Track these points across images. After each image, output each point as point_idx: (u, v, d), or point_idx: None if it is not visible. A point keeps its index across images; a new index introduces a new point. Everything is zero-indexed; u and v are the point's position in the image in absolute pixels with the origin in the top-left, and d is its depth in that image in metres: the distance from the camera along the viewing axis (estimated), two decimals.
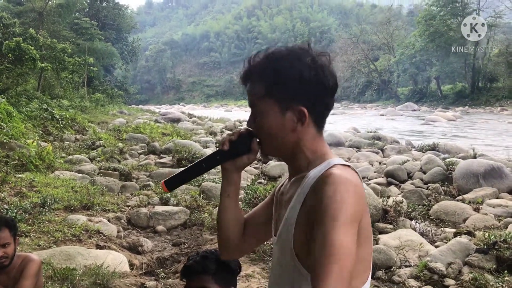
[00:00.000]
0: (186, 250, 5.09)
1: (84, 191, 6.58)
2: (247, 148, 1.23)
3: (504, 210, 6.57)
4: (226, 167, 1.27)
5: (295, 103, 1.12)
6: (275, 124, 1.14)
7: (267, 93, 1.14)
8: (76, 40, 32.27)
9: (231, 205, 1.31)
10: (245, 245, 1.37)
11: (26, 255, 2.75)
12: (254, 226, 1.36)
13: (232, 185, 1.29)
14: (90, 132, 14.35)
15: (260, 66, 1.15)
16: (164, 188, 1.26)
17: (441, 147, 12.69)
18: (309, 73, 1.10)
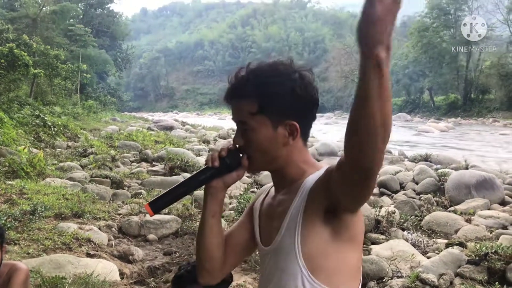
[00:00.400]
0: (178, 259, 5.06)
1: (75, 198, 6.53)
2: (237, 164, 1.20)
3: (496, 221, 6.60)
4: (214, 185, 1.22)
5: (287, 118, 1.14)
6: (267, 140, 1.15)
7: (260, 110, 1.14)
8: (69, 47, 32.17)
9: (216, 225, 1.26)
10: (226, 266, 1.32)
11: (14, 264, 2.71)
12: (235, 244, 1.32)
13: (218, 204, 1.25)
14: (82, 139, 14.28)
15: (250, 83, 1.15)
16: (149, 210, 1.19)
17: (433, 158, 12.74)
18: (300, 89, 1.13)
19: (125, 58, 49.92)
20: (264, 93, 1.13)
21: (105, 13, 46.67)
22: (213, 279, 1.33)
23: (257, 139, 1.15)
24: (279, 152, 1.16)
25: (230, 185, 1.25)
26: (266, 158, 1.17)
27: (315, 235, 1.09)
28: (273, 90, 1.13)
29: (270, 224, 1.22)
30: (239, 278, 4.34)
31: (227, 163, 1.19)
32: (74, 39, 34.07)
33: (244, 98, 1.16)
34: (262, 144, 1.15)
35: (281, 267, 1.15)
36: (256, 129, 1.15)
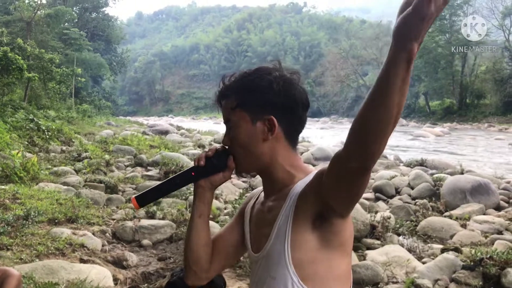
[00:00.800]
0: (172, 265, 5.02)
1: (69, 203, 6.48)
2: (223, 164, 1.22)
3: (491, 226, 6.60)
4: (201, 184, 1.26)
5: (265, 113, 1.16)
6: (247, 134, 1.17)
7: (238, 104, 1.18)
8: (64, 51, 32.16)
9: (203, 226, 1.28)
10: (212, 269, 1.33)
11: (5, 270, 2.67)
12: (223, 248, 1.33)
13: (205, 204, 1.28)
14: (77, 143, 14.21)
15: (234, 82, 1.21)
16: (135, 204, 1.23)
17: (429, 163, 12.74)
18: (277, 84, 1.16)
19: (120, 62, 49.93)
20: (242, 88, 1.18)
21: (100, 17, 46.72)
22: (199, 280, 1.34)
23: (238, 134, 1.19)
24: (259, 148, 1.17)
25: (217, 186, 1.28)
26: (248, 155, 1.19)
27: (305, 242, 1.09)
28: (250, 85, 1.17)
29: (260, 231, 1.22)
30: (233, 284, 4.31)
31: (213, 164, 1.22)
32: (69, 43, 34.07)
33: (227, 96, 1.22)
34: (243, 139, 1.18)
35: (271, 274, 1.15)
36: (236, 124, 1.19)
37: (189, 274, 1.33)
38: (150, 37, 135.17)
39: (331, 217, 1.06)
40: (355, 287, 1.18)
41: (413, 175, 9.84)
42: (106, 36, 46.12)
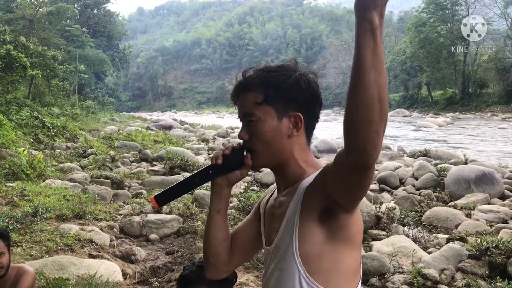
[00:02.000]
0: (180, 259, 5.07)
1: (76, 199, 6.54)
2: (240, 162, 1.23)
3: (496, 215, 6.62)
4: (218, 182, 1.27)
5: (291, 109, 1.17)
6: (272, 130, 1.17)
7: (265, 99, 1.17)
8: (67, 48, 32.18)
9: (221, 221, 1.30)
10: (232, 262, 1.36)
11: (21, 266, 2.73)
12: (242, 241, 1.35)
13: (223, 201, 1.29)
14: (82, 140, 14.27)
15: (258, 77, 1.20)
16: (154, 203, 1.25)
17: (432, 153, 12.74)
18: (303, 82, 1.17)
19: (122, 58, 49.91)
20: (270, 84, 1.17)
21: (101, 13, 46.66)
22: (219, 274, 1.36)
23: (262, 130, 1.18)
24: (282, 144, 1.18)
25: (234, 183, 1.28)
26: (269, 150, 1.19)
27: (312, 236, 1.10)
28: (278, 81, 1.17)
29: (271, 225, 1.25)
30: (241, 277, 4.36)
31: (231, 162, 1.23)
32: (71, 40, 34.09)
33: (251, 90, 1.20)
34: (267, 134, 1.17)
35: (280, 267, 1.17)
36: (261, 119, 1.18)
37: (208, 268, 1.36)
38: (151, 32, 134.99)
39: (337, 212, 1.08)
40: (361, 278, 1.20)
41: (417, 166, 9.86)
42: (108, 33, 46.08)
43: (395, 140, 20.29)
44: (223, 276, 1.37)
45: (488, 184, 8.11)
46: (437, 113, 42.87)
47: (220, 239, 1.31)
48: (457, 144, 18.72)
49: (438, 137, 22.00)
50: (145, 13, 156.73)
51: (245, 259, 1.44)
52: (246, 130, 1.21)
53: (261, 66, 1.22)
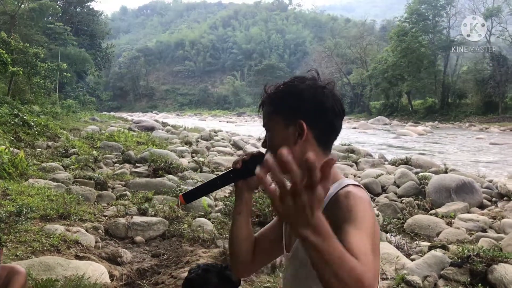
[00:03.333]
0: (166, 262, 5.07)
1: (60, 200, 6.48)
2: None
3: (475, 224, 6.79)
4: (239, 186, 1.37)
5: (296, 118, 1.24)
6: (280, 137, 1.26)
7: (274, 110, 1.29)
8: (48, 45, 31.73)
9: (243, 223, 1.39)
10: (255, 262, 1.44)
11: (12, 267, 2.71)
12: (265, 244, 1.42)
13: (244, 203, 1.38)
14: (63, 139, 14.10)
15: (273, 90, 1.31)
16: (182, 200, 1.36)
17: (413, 161, 12.94)
18: (309, 92, 1.25)
19: (104, 57, 49.45)
20: (279, 95, 1.28)
21: (84, 12, 46.19)
22: (241, 273, 1.50)
23: (273, 138, 1.28)
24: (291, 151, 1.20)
25: (254, 188, 1.39)
26: None
27: None
28: (284, 92, 1.27)
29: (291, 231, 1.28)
30: None
31: (249, 167, 1.30)
32: (53, 37, 33.65)
33: (266, 103, 1.32)
34: (277, 142, 1.25)
35: (299, 273, 1.22)
36: (272, 128, 1.29)
37: (233, 267, 1.47)
38: (134, 32, 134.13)
39: None
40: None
41: (399, 174, 10.02)
42: (91, 31, 45.61)
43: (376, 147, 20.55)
44: (246, 275, 1.46)
45: (468, 193, 8.30)
46: (417, 122, 43.53)
47: (241, 239, 1.39)
48: (436, 153, 19.06)
49: (418, 146, 22.35)
50: (128, 13, 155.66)
51: (268, 261, 1.53)
52: (265, 139, 1.32)
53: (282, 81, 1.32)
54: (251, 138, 20.65)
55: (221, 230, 5.77)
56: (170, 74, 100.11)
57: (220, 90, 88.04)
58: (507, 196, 8.61)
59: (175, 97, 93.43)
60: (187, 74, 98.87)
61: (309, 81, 1.27)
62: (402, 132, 30.00)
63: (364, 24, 71.24)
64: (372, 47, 63.14)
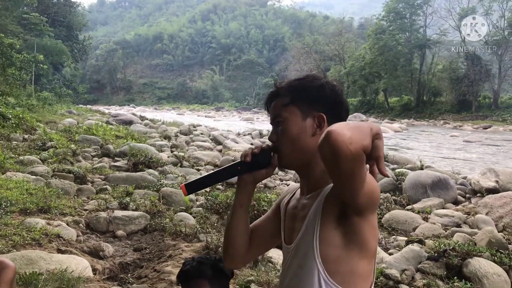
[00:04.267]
0: (148, 256, 5.09)
1: (40, 193, 6.41)
2: (267, 162, 1.33)
3: (450, 220, 6.99)
4: (244, 178, 1.38)
5: (315, 110, 1.29)
6: (297, 129, 1.28)
7: (291, 101, 1.30)
8: (24, 36, 31.03)
9: (243, 215, 1.42)
10: (249, 255, 1.47)
11: (2, 260, 2.69)
12: (260, 237, 1.46)
13: (246, 196, 1.40)
14: (40, 132, 13.87)
15: (286, 84, 1.35)
16: (184, 191, 1.34)
17: (390, 158, 13.18)
18: (328, 87, 1.31)
19: (81, 49, 48.65)
20: (296, 88, 1.32)
21: (61, 2, 45.29)
22: (235, 264, 1.50)
23: (288, 128, 1.29)
24: (306, 142, 1.28)
25: (259, 181, 1.40)
26: (295, 149, 1.29)
27: (330, 239, 1.19)
28: (303, 85, 1.32)
29: (292, 224, 1.34)
30: None
31: (258, 160, 1.33)
32: (28, 28, 32.93)
33: (279, 96, 1.34)
34: (292, 133, 1.28)
35: (300, 265, 1.26)
36: (287, 119, 1.30)
37: (227, 258, 1.47)
38: (112, 24, 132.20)
39: (350, 216, 1.16)
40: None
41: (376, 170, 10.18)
42: (68, 23, 44.76)
43: None
44: (240, 266, 1.50)
45: (443, 189, 8.52)
46: (393, 119, 44.21)
47: (241, 232, 1.42)
48: (412, 149, 19.42)
49: (394, 143, 22.72)
50: (106, 5, 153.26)
51: (261, 253, 1.56)
52: (275, 132, 1.33)
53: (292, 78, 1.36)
54: (230, 133, 20.66)
55: (203, 225, 5.82)
56: (148, 68, 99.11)
57: (199, 85, 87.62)
58: (480, 193, 8.86)
59: (153, 91, 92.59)
60: (165, 68, 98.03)
61: (323, 79, 1.34)
62: None
63: (342, 22, 71.73)
64: (350, 45, 63.70)
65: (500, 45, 43.98)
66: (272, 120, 1.34)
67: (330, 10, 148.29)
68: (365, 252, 1.21)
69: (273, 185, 9.55)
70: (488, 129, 33.76)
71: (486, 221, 6.78)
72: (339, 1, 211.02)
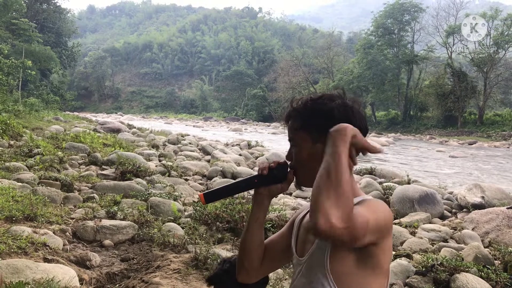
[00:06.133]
0: (136, 266, 5.04)
1: (26, 201, 6.32)
2: (283, 176, 1.35)
3: (437, 234, 7.03)
4: (261, 192, 1.39)
5: (325, 135, 1.23)
6: (307, 154, 1.30)
7: (302, 126, 1.32)
8: (12, 41, 30.80)
9: (258, 229, 1.42)
10: (262, 269, 1.47)
11: None
12: (274, 251, 1.47)
13: (262, 210, 1.41)
14: (27, 138, 13.73)
15: (300, 106, 1.35)
16: (203, 200, 1.36)
17: (377, 172, 13.27)
18: (338, 111, 1.28)
19: (70, 56, 48.43)
20: (307, 111, 1.31)
21: (51, 9, 45.11)
22: (249, 278, 1.49)
23: (299, 153, 1.32)
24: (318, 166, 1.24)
25: (275, 195, 1.41)
26: (308, 172, 1.29)
27: (342, 258, 1.20)
28: (314, 109, 1.31)
29: (305, 236, 1.35)
30: None
31: (274, 174, 1.34)
32: (17, 33, 32.66)
33: (292, 118, 1.36)
34: (304, 158, 1.30)
35: (311, 279, 1.26)
36: (298, 144, 1.33)
37: (241, 271, 1.48)
38: (101, 32, 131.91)
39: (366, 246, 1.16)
40: None
41: (364, 183, 10.26)
42: (57, 29, 44.57)
43: None
44: (253, 280, 1.49)
45: (430, 204, 8.59)
46: (380, 133, 44.58)
47: (255, 245, 1.42)
48: (399, 164, 19.56)
49: (381, 156, 22.85)
50: (96, 12, 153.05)
51: (274, 268, 1.55)
52: (290, 152, 1.37)
53: (308, 96, 1.35)
54: (218, 144, 20.64)
55: (191, 235, 5.78)
56: (137, 76, 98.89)
57: (187, 94, 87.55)
58: (466, 208, 8.96)
59: (141, 99, 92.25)
60: (154, 77, 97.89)
61: (338, 100, 1.30)
62: None
63: (331, 35, 72.51)
64: (339, 58, 64.33)
65: (486, 62, 44.76)
66: (289, 140, 1.37)
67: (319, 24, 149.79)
68: (379, 272, 1.21)
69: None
70: (473, 145, 34.17)
71: (473, 236, 6.85)
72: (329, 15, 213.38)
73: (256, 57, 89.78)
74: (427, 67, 52.42)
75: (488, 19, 44.93)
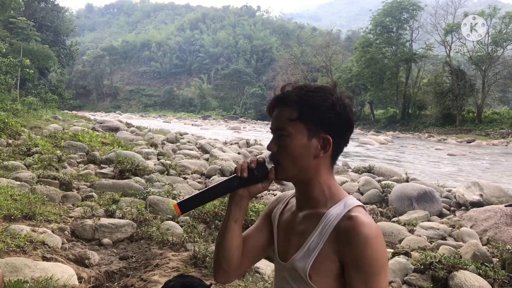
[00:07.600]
0: (134, 264, 5.04)
1: (24, 199, 6.32)
2: (264, 176, 1.28)
3: (436, 232, 7.05)
4: (240, 193, 1.31)
5: (322, 131, 1.22)
6: (301, 147, 1.22)
7: (299, 117, 1.22)
8: (10, 40, 30.73)
9: (237, 230, 1.35)
10: (241, 267, 1.41)
11: None
12: (251, 247, 1.40)
13: (241, 211, 1.34)
14: (25, 137, 13.71)
15: (296, 95, 1.24)
16: (177, 210, 1.27)
17: (376, 170, 13.28)
18: (339, 107, 1.22)
19: (68, 55, 48.34)
20: (306, 103, 1.22)
21: (49, 7, 45.02)
22: (229, 278, 1.42)
23: (291, 145, 1.22)
24: (308, 162, 1.23)
25: (255, 195, 1.33)
26: (295, 166, 1.24)
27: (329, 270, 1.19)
28: (314, 102, 1.22)
29: (288, 240, 1.31)
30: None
31: (255, 175, 1.28)
32: (15, 32, 32.60)
33: (287, 105, 1.25)
34: (295, 150, 1.22)
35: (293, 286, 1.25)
36: (292, 135, 1.22)
37: (220, 273, 1.40)
38: (100, 30, 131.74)
39: None
40: None
41: (363, 181, 10.27)
42: (55, 28, 44.48)
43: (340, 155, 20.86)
44: (232, 280, 1.43)
45: (429, 202, 8.61)
46: (378, 131, 44.62)
47: (235, 246, 1.35)
48: (397, 162, 19.58)
49: (379, 154, 22.89)
50: (94, 11, 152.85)
51: (252, 264, 1.47)
52: (275, 143, 1.26)
53: (299, 84, 1.27)
54: (217, 142, 20.63)
55: (190, 234, 5.78)
56: (135, 75, 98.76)
57: (186, 93, 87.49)
58: (465, 206, 8.98)
59: (140, 98, 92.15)
60: (152, 75, 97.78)
61: (336, 94, 1.24)
62: (365, 140, 30.66)
63: (330, 34, 72.58)
64: (337, 57, 64.26)
65: (484, 60, 44.79)
66: (274, 130, 1.27)
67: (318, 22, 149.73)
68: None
69: (260, 195, 9.56)
70: (471, 143, 34.22)
71: (471, 234, 6.87)
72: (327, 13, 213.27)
73: (254, 55, 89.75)
74: (425, 66, 52.45)
75: (486, 17, 44.94)
